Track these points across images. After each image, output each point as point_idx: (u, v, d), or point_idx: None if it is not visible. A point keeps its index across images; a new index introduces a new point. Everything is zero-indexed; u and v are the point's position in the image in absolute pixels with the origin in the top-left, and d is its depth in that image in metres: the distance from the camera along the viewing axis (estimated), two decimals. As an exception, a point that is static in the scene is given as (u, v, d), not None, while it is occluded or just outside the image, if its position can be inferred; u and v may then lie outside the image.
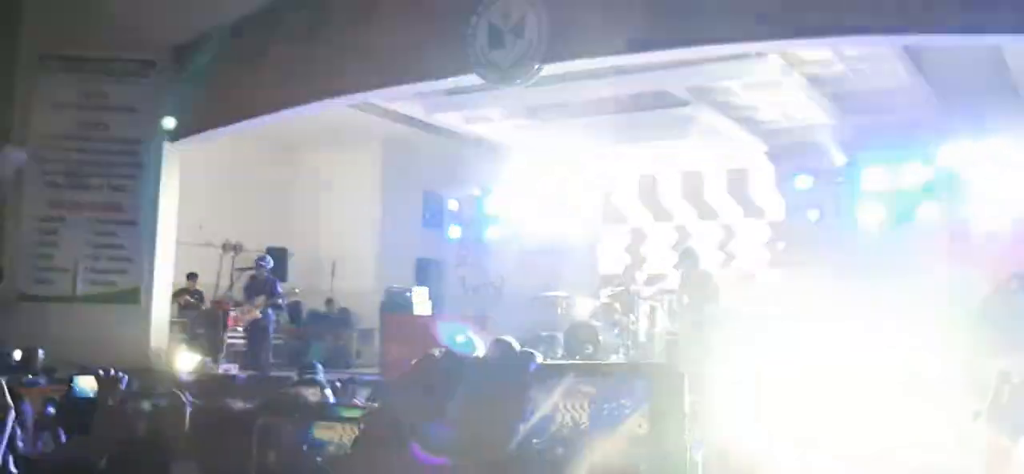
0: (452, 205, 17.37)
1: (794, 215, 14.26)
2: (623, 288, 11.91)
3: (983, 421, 5.43)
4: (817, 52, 11.04)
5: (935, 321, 8.93)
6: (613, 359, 11.69)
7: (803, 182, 13.85)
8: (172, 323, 12.36)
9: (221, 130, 11.50)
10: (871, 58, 11.31)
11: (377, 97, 11.60)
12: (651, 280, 12.96)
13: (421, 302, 13.85)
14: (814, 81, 11.94)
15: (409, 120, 14.19)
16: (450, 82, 10.35)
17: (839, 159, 13.45)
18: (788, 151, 14.34)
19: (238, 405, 2.50)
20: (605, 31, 8.67)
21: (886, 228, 12.94)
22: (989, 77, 11.69)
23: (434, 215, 17.73)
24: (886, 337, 8.66)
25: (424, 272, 17.29)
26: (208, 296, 13.60)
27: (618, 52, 8.97)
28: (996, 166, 12.51)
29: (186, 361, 10.67)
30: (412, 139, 15.47)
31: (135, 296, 11.53)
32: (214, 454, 1.98)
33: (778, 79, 11.14)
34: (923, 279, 12.12)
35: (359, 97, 10.85)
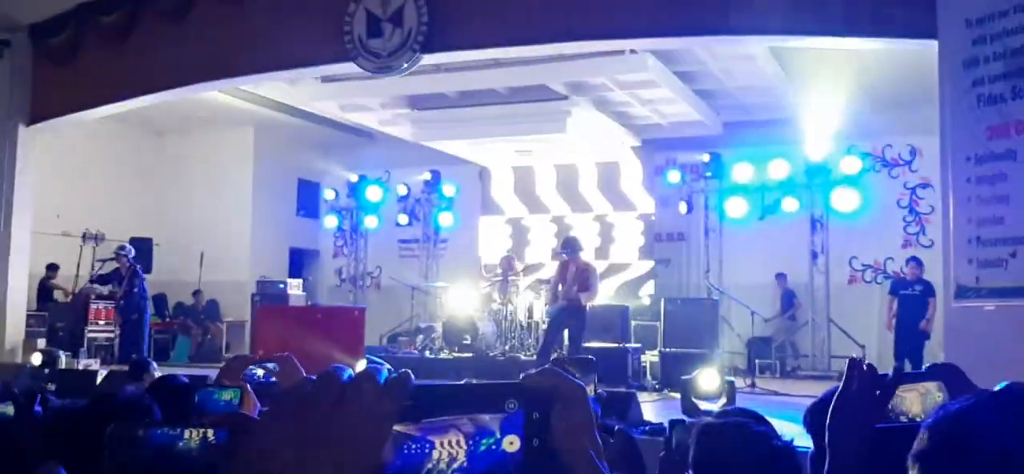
0: (328, 194, 17.10)
1: (664, 208, 14.72)
2: (501, 277, 11.97)
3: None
4: (690, 51, 11.40)
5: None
6: (495, 349, 11.77)
7: (673, 177, 14.30)
8: (29, 316, 11.71)
9: (82, 113, 10.93)
10: (741, 59, 11.75)
11: (247, 83, 11.27)
12: (529, 270, 13.11)
13: (296, 294, 13.59)
14: (686, 78, 12.32)
15: (283, 106, 13.86)
16: (326, 69, 10.17)
17: (707, 155, 13.94)
18: (659, 146, 14.77)
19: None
20: (484, 23, 8.69)
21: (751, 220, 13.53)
22: (851, 82, 12.33)
23: (309, 204, 17.43)
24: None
25: (298, 263, 16.97)
26: (68, 287, 12.97)
27: (496, 44, 9.02)
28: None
29: (43, 356, 10.10)
30: (286, 126, 15.13)
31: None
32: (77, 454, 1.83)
33: (651, 77, 11.43)
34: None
35: (231, 82, 10.51)
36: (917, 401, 1.16)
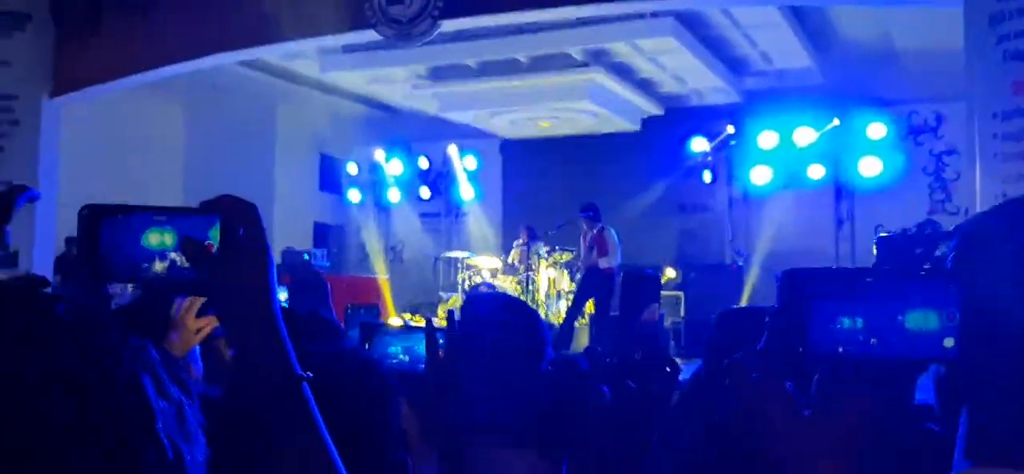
0: (351, 169, 17.15)
1: (687, 178, 14.61)
2: (523, 247, 11.98)
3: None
4: (711, 18, 11.28)
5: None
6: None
7: (697, 145, 14.20)
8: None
9: (105, 86, 11.01)
10: (764, 25, 11.62)
11: (269, 53, 11.30)
12: (550, 240, 13.09)
13: (320, 265, 13.66)
14: (708, 45, 12.20)
15: (307, 80, 13.90)
16: (347, 37, 10.17)
17: (731, 123, 13.83)
18: (682, 116, 14.65)
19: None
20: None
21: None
22: (874, 44, 12.17)
23: (332, 179, 17.48)
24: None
25: (323, 236, 17.05)
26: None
27: (515, 8, 8.96)
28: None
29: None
30: (309, 100, 15.18)
31: (13, 261, 10.94)
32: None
33: (673, 43, 11.33)
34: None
35: (253, 52, 10.54)
36: None
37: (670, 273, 14.06)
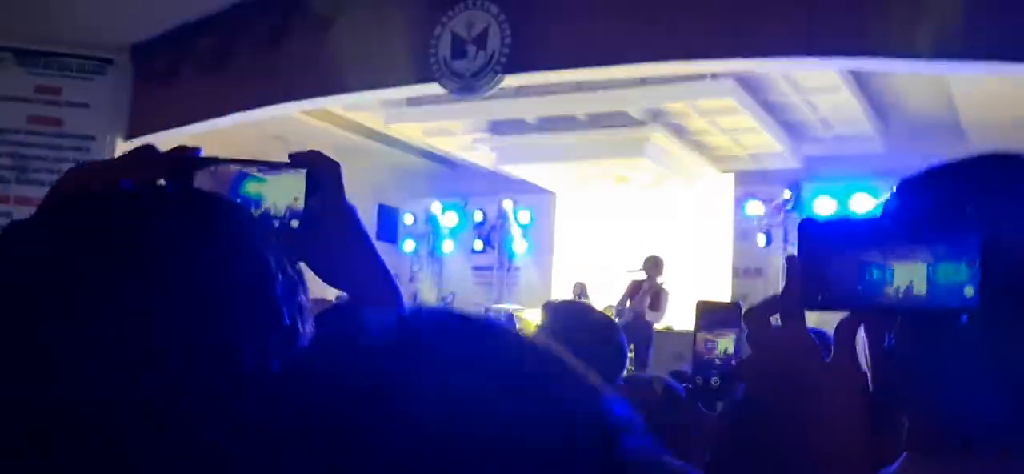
0: (407, 219, 17.39)
1: (742, 241, 14.54)
2: (575, 300, 11.99)
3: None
4: (772, 82, 11.34)
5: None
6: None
7: (753, 208, 14.15)
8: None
9: (177, 131, 11.37)
10: (825, 90, 11.64)
11: (337, 104, 11.61)
12: (601, 296, 13.09)
13: (372, 312, 13.80)
14: (768, 108, 12.23)
15: (366, 131, 14.19)
16: (411, 90, 10.42)
17: (787, 188, 13.77)
18: (738, 178, 14.64)
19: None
20: (564, 45, 8.80)
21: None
22: (937, 114, 12.11)
23: (388, 229, 17.71)
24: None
25: (376, 285, 17.27)
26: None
27: (576, 65, 9.12)
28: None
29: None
30: (368, 150, 15.47)
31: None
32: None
33: (732, 103, 11.39)
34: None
35: (320, 102, 10.85)
36: None
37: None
